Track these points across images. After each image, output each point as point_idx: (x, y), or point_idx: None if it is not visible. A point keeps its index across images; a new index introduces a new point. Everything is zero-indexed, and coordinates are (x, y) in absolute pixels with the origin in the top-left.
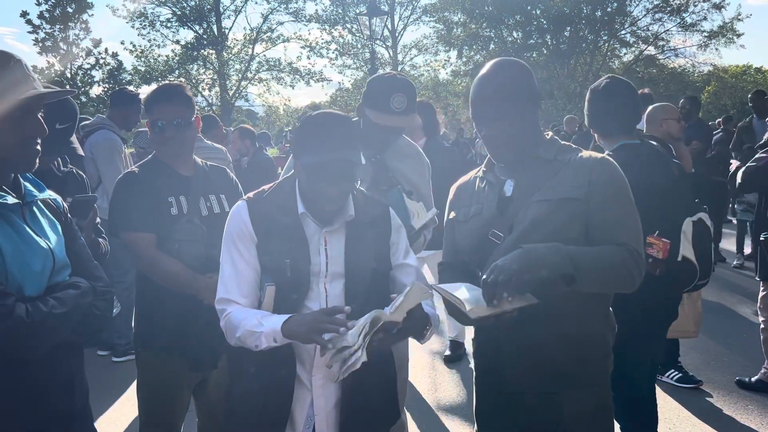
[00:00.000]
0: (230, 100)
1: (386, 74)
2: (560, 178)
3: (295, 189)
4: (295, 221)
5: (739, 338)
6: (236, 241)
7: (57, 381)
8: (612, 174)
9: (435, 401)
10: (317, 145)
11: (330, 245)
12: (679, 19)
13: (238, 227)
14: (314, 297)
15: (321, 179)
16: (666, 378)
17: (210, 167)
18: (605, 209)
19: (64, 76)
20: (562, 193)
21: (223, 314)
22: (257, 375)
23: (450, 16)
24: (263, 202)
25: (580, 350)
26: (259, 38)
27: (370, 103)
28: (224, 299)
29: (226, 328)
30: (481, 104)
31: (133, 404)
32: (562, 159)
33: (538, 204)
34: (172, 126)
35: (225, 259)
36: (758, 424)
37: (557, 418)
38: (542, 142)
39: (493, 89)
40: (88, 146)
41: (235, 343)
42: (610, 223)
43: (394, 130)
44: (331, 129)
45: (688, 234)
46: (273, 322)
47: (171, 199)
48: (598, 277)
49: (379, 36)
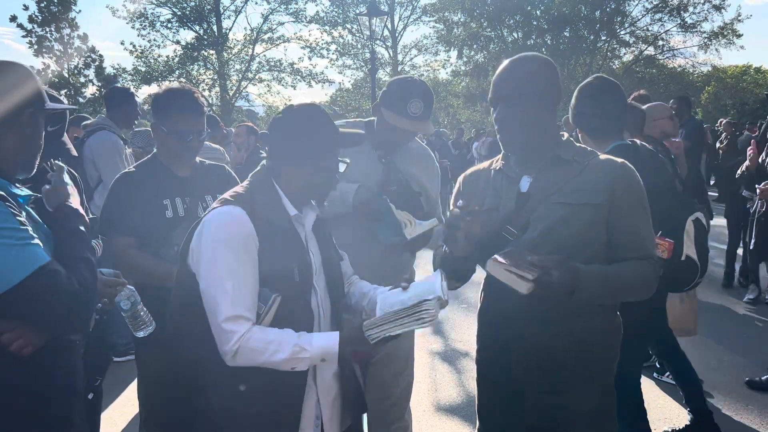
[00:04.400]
0: (230, 101)
1: (407, 77)
2: (581, 181)
3: (278, 191)
4: (288, 224)
5: (739, 338)
6: (240, 249)
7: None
8: (634, 181)
9: (435, 401)
10: (326, 147)
11: (310, 244)
12: (679, 20)
13: (241, 234)
14: (312, 297)
15: (327, 171)
16: (665, 378)
17: (208, 166)
18: (630, 218)
19: (62, 76)
20: (583, 198)
21: (234, 336)
22: (269, 380)
23: (450, 16)
24: (257, 207)
25: (585, 349)
26: (260, 38)
27: (387, 104)
28: (234, 317)
29: (242, 352)
30: (503, 84)
31: (133, 404)
32: (581, 161)
33: (558, 206)
34: (199, 138)
35: (224, 269)
36: (758, 424)
37: (560, 417)
38: (560, 142)
39: (519, 72)
40: (88, 147)
41: (257, 364)
42: (635, 233)
43: (407, 133)
44: (331, 128)
45: (690, 233)
46: (321, 342)
47: (166, 201)
48: (626, 295)
49: (379, 36)
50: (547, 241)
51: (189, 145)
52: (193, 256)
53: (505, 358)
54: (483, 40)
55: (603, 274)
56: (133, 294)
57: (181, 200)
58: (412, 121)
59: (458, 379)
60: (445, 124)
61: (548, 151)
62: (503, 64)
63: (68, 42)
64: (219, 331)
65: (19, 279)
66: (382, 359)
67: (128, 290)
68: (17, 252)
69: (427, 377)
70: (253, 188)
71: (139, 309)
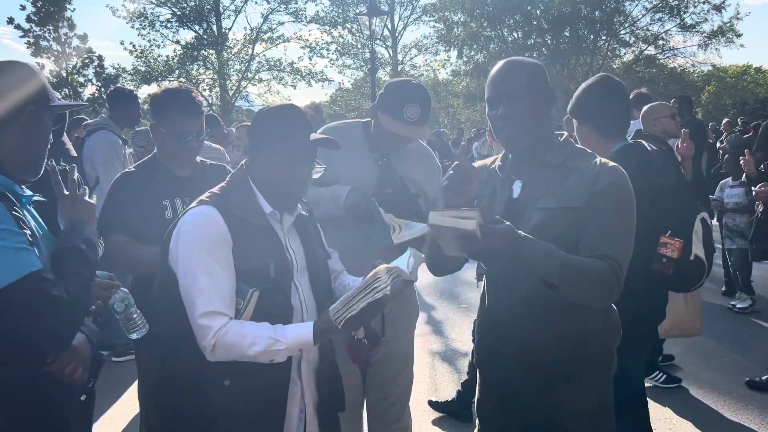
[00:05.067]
0: (230, 100)
1: (405, 81)
2: (566, 186)
3: (253, 190)
4: (264, 221)
5: (739, 338)
6: (214, 248)
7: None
8: (615, 184)
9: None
10: (291, 131)
11: (291, 241)
12: (679, 20)
13: (215, 233)
14: (293, 293)
15: (295, 161)
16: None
17: (209, 166)
18: (596, 218)
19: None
20: (563, 202)
21: (211, 331)
22: (254, 377)
23: (450, 16)
24: (231, 206)
25: (579, 349)
26: (259, 38)
27: (383, 107)
28: (210, 312)
29: (219, 347)
30: (505, 80)
31: (133, 404)
32: (571, 165)
33: (540, 211)
34: (198, 138)
35: (199, 268)
36: (758, 424)
37: (557, 417)
38: (552, 146)
39: (520, 70)
40: (87, 147)
41: (236, 358)
42: (596, 233)
43: (403, 138)
44: (300, 116)
45: (699, 233)
46: (295, 332)
47: (166, 202)
48: (578, 290)
49: (379, 36)
50: None
51: (188, 146)
52: (172, 256)
53: (502, 359)
54: (483, 40)
55: (550, 250)
56: (127, 297)
57: (181, 201)
58: (408, 126)
59: (458, 379)
60: (445, 124)
61: (540, 155)
62: (499, 65)
63: (66, 42)
64: (197, 327)
65: (6, 282)
66: (381, 359)
67: (122, 293)
68: (10, 255)
69: (427, 377)
70: (228, 188)
71: (132, 311)
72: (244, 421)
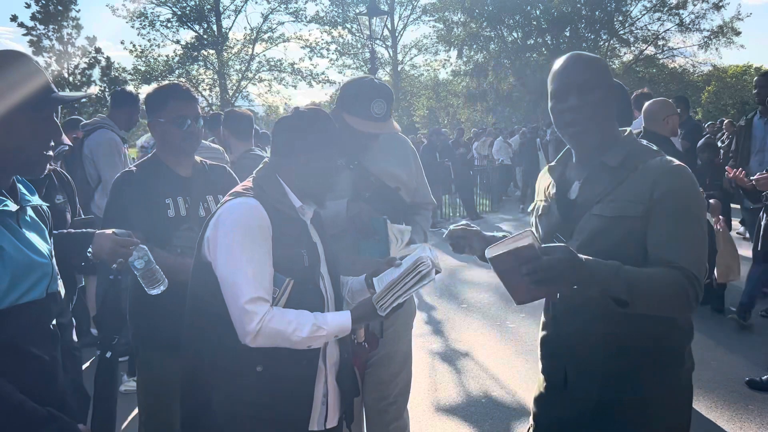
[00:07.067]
0: (230, 100)
1: (364, 78)
2: (621, 190)
3: (282, 186)
4: (295, 214)
5: (739, 338)
6: (257, 236)
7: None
8: (678, 187)
9: (434, 401)
10: (328, 139)
11: (313, 234)
12: (678, 19)
13: (258, 222)
14: (320, 283)
15: (332, 168)
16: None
17: (210, 166)
18: (661, 226)
19: (62, 76)
20: (618, 210)
21: (257, 317)
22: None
23: (450, 16)
24: (269, 198)
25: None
26: (259, 38)
27: (349, 109)
28: (256, 298)
29: (264, 332)
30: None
31: (133, 404)
32: (629, 165)
33: (595, 218)
34: (197, 124)
35: (245, 255)
36: (758, 424)
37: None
38: (612, 145)
39: (589, 62)
40: (87, 146)
41: (276, 344)
42: (663, 243)
43: (372, 136)
44: (333, 127)
45: None
46: (335, 319)
47: (168, 200)
48: (653, 303)
49: (379, 36)
50: (586, 253)
51: (188, 131)
52: (209, 247)
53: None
54: (483, 40)
55: (615, 267)
56: (146, 253)
57: (183, 200)
58: (377, 123)
59: (458, 379)
60: (445, 124)
61: (599, 154)
62: (565, 58)
63: (68, 41)
64: (241, 313)
65: None
66: (380, 359)
67: (141, 249)
68: None
69: (426, 377)
70: (260, 182)
71: (153, 267)
72: (274, 405)
